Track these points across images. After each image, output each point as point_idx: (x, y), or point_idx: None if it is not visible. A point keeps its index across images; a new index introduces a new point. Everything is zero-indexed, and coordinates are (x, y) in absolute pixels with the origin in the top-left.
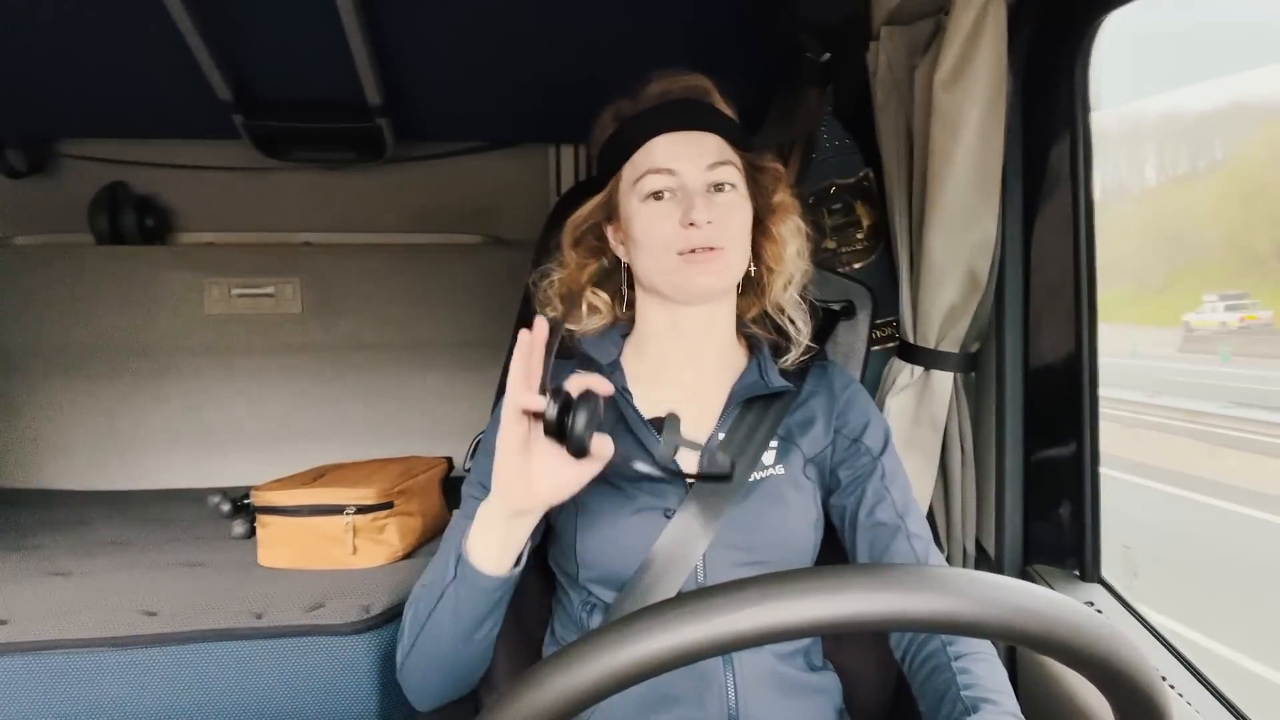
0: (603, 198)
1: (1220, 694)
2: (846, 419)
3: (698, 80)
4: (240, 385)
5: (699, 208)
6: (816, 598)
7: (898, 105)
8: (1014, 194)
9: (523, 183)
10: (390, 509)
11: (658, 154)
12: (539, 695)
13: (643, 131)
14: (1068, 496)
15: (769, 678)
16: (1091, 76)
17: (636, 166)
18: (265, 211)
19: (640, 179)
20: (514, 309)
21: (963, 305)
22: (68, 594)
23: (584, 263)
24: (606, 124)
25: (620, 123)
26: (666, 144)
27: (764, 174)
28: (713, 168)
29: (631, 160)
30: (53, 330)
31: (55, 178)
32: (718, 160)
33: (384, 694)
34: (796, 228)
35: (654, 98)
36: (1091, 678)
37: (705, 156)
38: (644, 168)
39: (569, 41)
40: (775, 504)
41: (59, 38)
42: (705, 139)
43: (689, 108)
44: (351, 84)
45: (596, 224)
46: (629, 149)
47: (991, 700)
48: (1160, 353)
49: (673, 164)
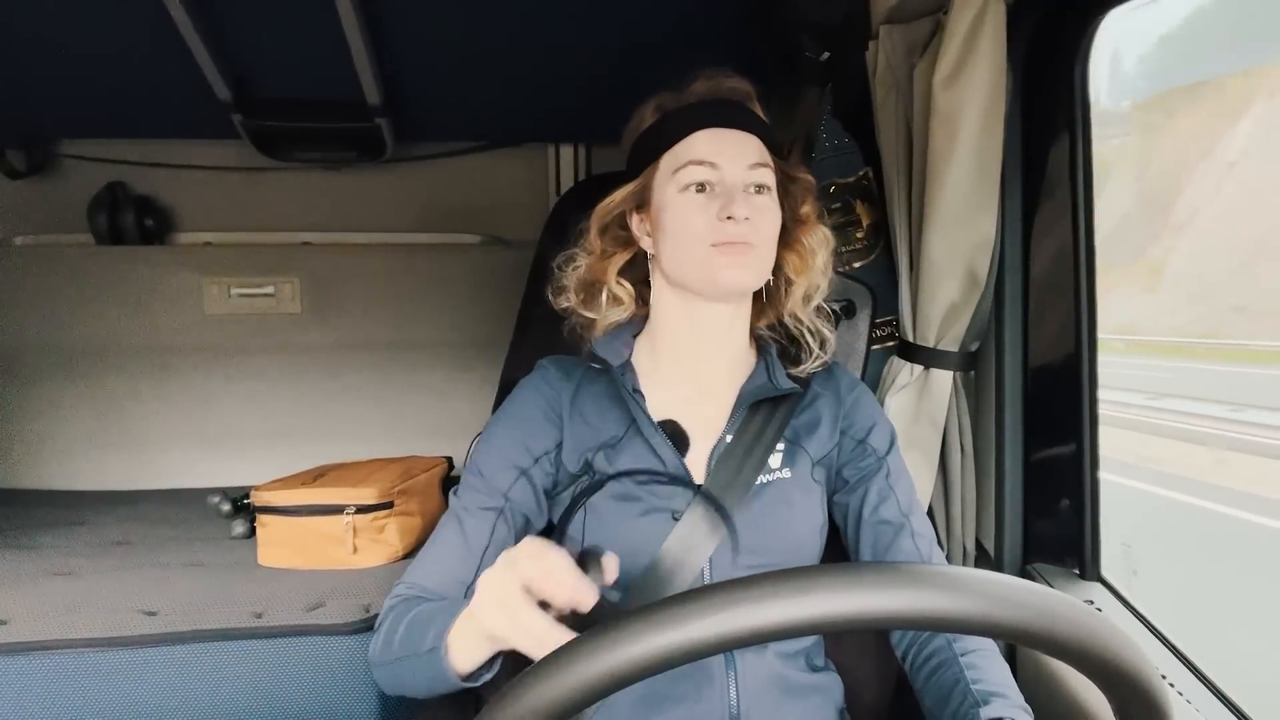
0: (635, 186)
1: (1220, 693)
2: (853, 420)
3: (741, 83)
4: (240, 385)
5: (738, 202)
6: (818, 596)
7: (897, 104)
8: (1014, 193)
9: (523, 183)
10: (390, 509)
11: (701, 147)
12: (540, 693)
13: (687, 124)
14: (1067, 495)
15: (770, 677)
16: (1091, 75)
17: (678, 156)
18: (265, 211)
19: (681, 169)
20: (514, 309)
21: (962, 304)
22: (68, 594)
23: (610, 251)
24: (647, 114)
25: (663, 114)
26: (710, 139)
27: (796, 184)
28: (753, 168)
29: (673, 150)
30: (53, 330)
31: (55, 178)
32: (758, 161)
33: (384, 693)
34: (825, 238)
35: (700, 94)
36: (1091, 676)
37: (747, 156)
38: (686, 158)
39: (569, 42)
40: (782, 507)
41: (59, 38)
42: (748, 139)
43: (734, 108)
44: (351, 84)
45: (623, 213)
46: (671, 139)
47: (1000, 694)
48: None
49: (715, 158)
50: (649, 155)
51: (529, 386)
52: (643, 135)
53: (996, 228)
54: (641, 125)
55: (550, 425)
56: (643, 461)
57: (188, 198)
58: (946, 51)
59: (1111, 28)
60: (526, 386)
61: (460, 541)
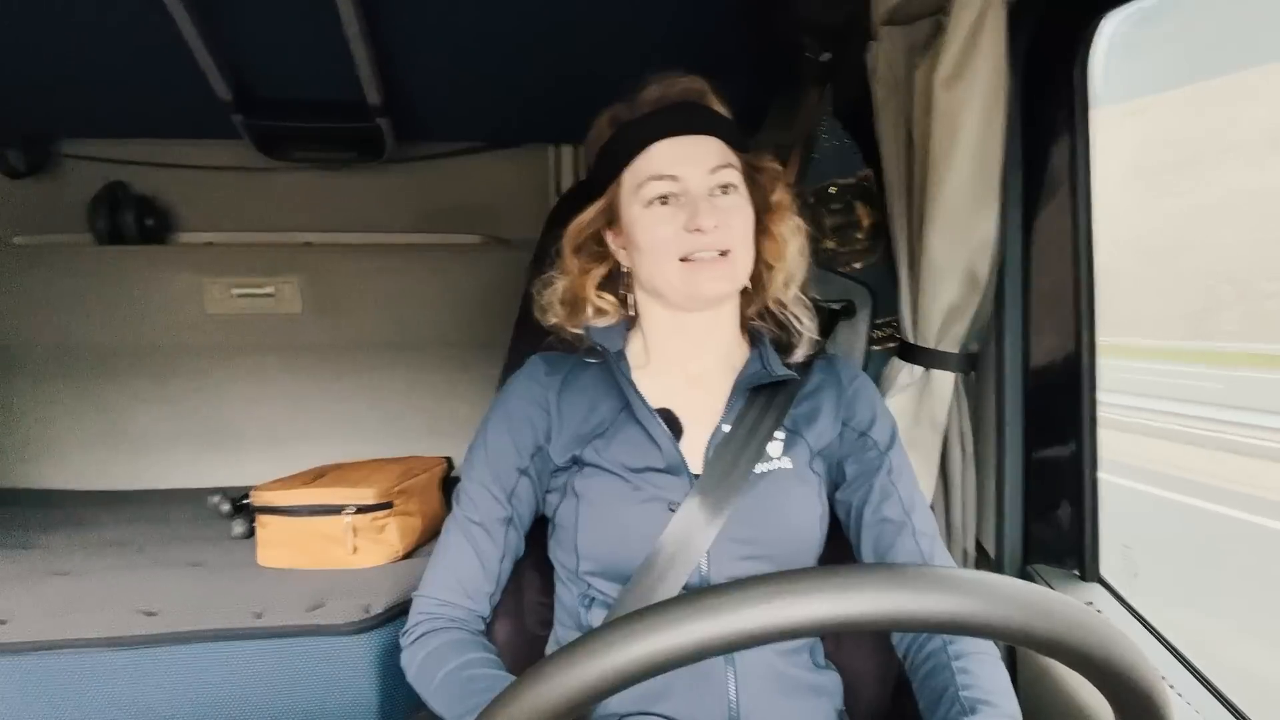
0: (603, 204)
1: (1220, 693)
2: (854, 411)
3: (694, 82)
4: (240, 385)
5: (704, 212)
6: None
7: (898, 105)
8: (1014, 194)
9: (523, 183)
10: (390, 509)
11: (659, 159)
12: (540, 693)
13: (642, 137)
14: (1067, 496)
15: (770, 676)
16: (1091, 76)
17: (638, 172)
18: (265, 211)
19: (642, 185)
20: (514, 309)
21: (963, 305)
22: (68, 594)
23: (587, 268)
24: (603, 129)
25: (618, 128)
26: (667, 149)
27: (762, 173)
28: (715, 171)
29: (632, 166)
30: (53, 330)
31: (55, 178)
32: (720, 163)
33: (384, 693)
34: (796, 226)
35: (651, 102)
36: (1091, 678)
37: (707, 160)
38: (646, 174)
39: (569, 41)
40: (780, 497)
41: (59, 38)
42: (706, 142)
43: (688, 111)
44: (351, 84)
45: (597, 230)
46: (628, 154)
47: (989, 702)
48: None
49: (675, 169)
50: (611, 171)
51: (516, 384)
52: (601, 151)
53: (997, 228)
54: (600, 141)
55: (539, 419)
56: (637, 449)
57: (188, 198)
58: (947, 52)
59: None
60: (514, 384)
61: (472, 553)
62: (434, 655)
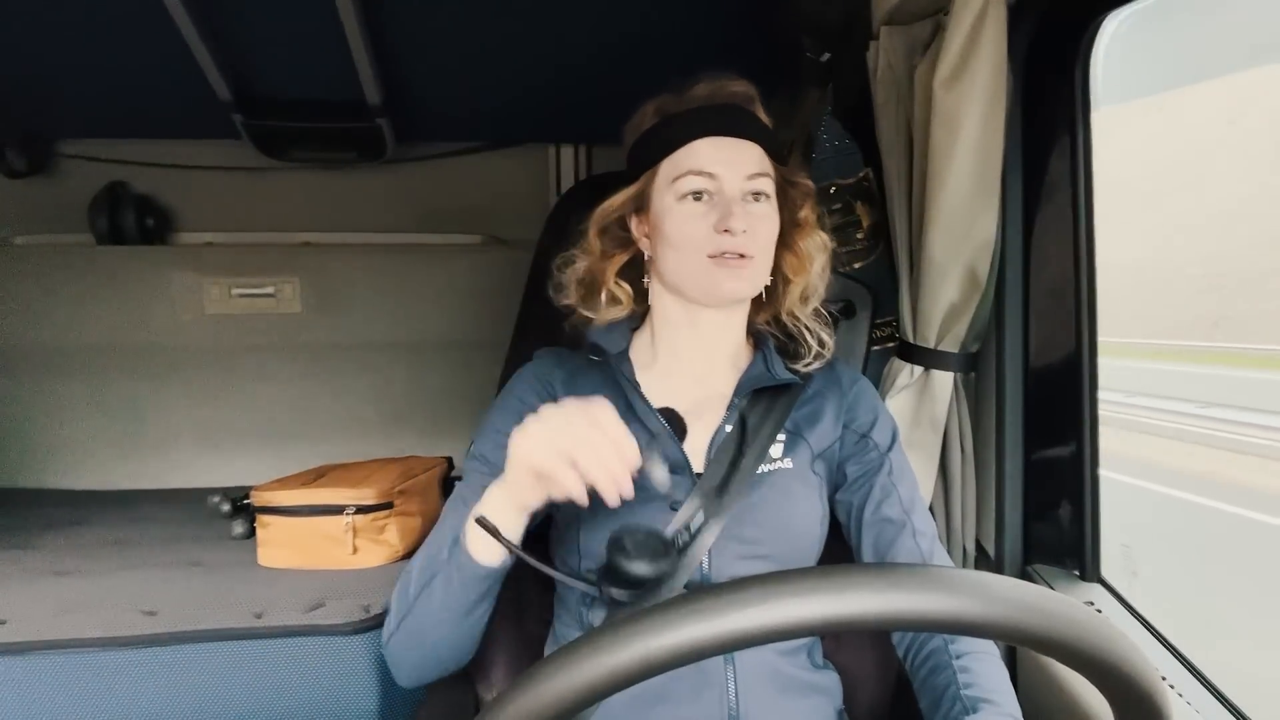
0: (635, 190)
1: (1220, 694)
2: (855, 414)
3: (744, 88)
4: (240, 385)
5: (736, 215)
6: (817, 597)
7: (898, 105)
8: (1014, 194)
9: (523, 183)
10: (390, 509)
11: (700, 156)
12: (540, 693)
13: (687, 131)
14: (1067, 496)
15: (770, 676)
16: (1092, 76)
17: (677, 164)
18: (265, 211)
19: (680, 178)
20: (514, 309)
21: (962, 305)
22: (68, 594)
23: (609, 252)
24: (648, 116)
25: (663, 118)
26: (710, 147)
27: (795, 189)
28: (752, 177)
29: (672, 157)
30: (53, 330)
31: (55, 178)
32: (757, 170)
33: (384, 694)
34: (822, 244)
35: (700, 99)
36: (1091, 678)
37: (747, 165)
38: (685, 167)
39: (569, 42)
40: (781, 497)
41: (59, 38)
42: (747, 148)
43: (735, 114)
44: (351, 84)
45: (623, 215)
46: (671, 146)
47: (990, 700)
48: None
49: (714, 168)
50: (649, 160)
51: (524, 375)
52: (642, 138)
53: (997, 228)
54: (642, 127)
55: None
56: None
57: (188, 198)
58: (947, 52)
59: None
60: (522, 375)
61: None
62: (399, 592)
